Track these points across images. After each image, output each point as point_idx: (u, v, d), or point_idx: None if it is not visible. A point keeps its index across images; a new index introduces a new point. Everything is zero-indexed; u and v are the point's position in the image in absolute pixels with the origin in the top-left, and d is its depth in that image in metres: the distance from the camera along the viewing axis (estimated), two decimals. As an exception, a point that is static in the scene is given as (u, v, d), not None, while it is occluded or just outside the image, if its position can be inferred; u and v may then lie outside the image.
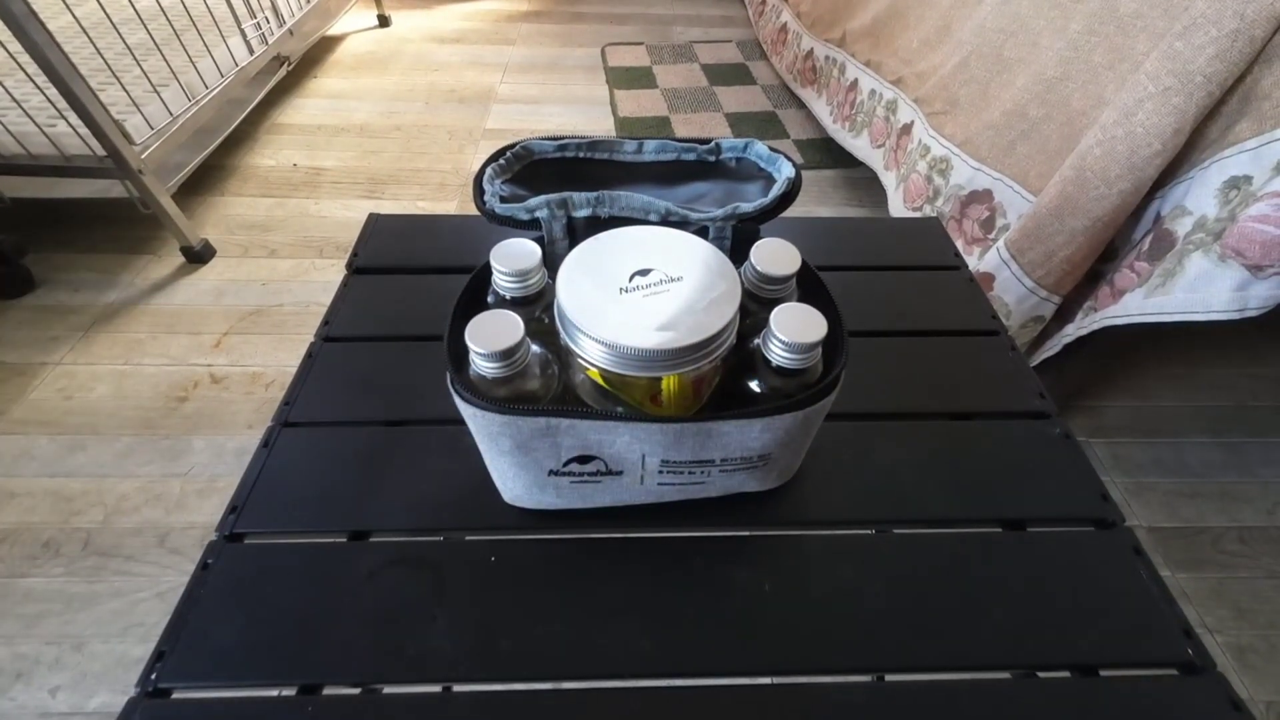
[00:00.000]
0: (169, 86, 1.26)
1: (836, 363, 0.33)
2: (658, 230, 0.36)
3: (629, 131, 1.76)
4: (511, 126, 1.76)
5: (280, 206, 1.46)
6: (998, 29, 1.04)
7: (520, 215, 0.39)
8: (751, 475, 0.38)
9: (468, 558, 0.38)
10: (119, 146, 1.12)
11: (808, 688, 0.34)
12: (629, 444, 0.33)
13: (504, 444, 0.33)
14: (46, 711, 0.74)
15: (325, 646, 0.34)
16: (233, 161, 1.56)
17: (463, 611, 0.36)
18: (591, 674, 0.34)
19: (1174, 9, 0.76)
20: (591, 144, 0.43)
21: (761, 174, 0.42)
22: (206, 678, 0.33)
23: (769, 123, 1.80)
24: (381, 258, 0.57)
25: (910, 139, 1.23)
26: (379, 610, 0.35)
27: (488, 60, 2.07)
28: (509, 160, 0.41)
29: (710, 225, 0.39)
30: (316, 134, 1.69)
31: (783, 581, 0.37)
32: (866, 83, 1.40)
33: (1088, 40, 0.88)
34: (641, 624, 0.35)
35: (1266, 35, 0.68)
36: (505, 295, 0.35)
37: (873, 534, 0.41)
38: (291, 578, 0.37)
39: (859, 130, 1.44)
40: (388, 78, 1.95)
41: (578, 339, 0.31)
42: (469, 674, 0.33)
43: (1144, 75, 0.76)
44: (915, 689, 0.34)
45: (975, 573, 0.38)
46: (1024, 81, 0.97)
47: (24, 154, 1.13)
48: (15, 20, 0.96)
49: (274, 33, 1.56)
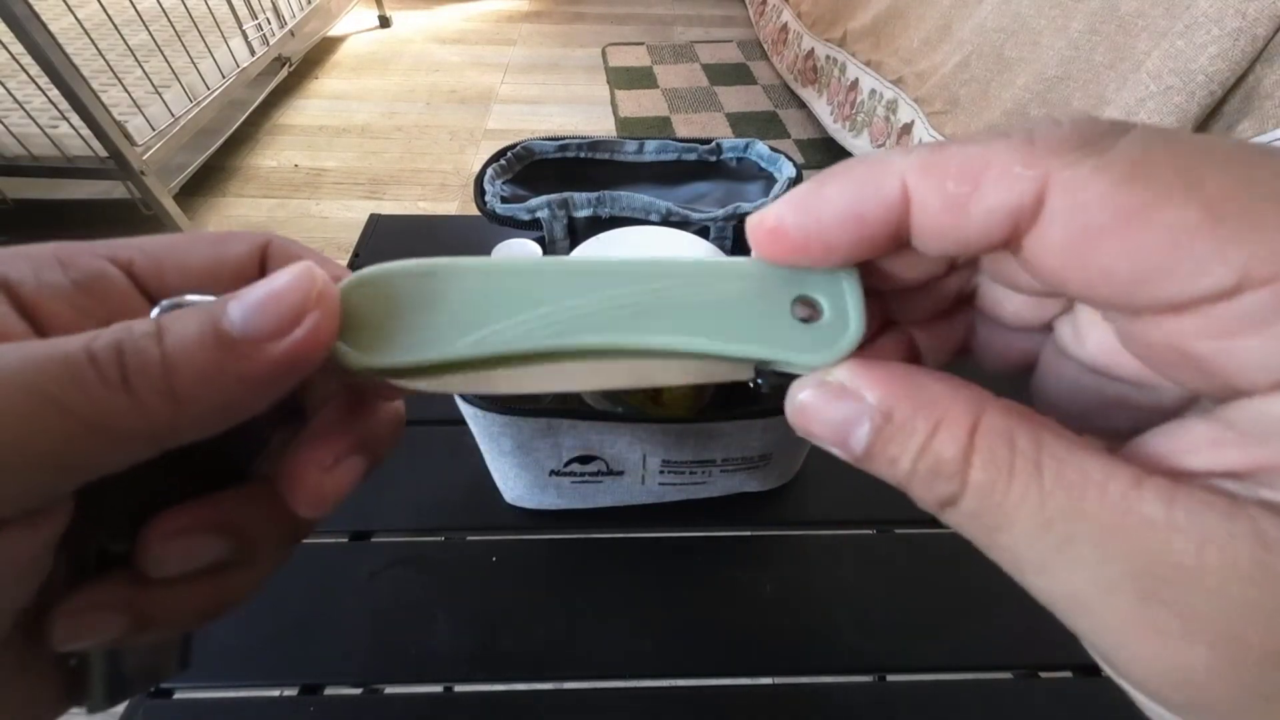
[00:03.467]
0: (171, 87, 1.27)
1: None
2: (659, 230, 0.36)
3: (630, 132, 1.76)
4: (512, 127, 1.76)
5: (282, 207, 1.46)
6: (998, 28, 1.04)
7: (521, 215, 0.39)
8: (752, 475, 0.38)
9: (469, 558, 0.38)
10: (121, 148, 1.12)
11: (808, 688, 0.34)
12: (630, 444, 0.33)
13: (505, 444, 0.33)
14: (49, 711, 0.75)
15: (326, 647, 0.34)
16: (234, 162, 1.56)
17: (464, 611, 0.36)
18: (591, 674, 0.34)
19: (1175, 8, 0.76)
20: (592, 144, 0.43)
21: (762, 174, 0.42)
22: (209, 678, 0.33)
23: (770, 123, 1.80)
24: (382, 259, 0.57)
25: (911, 139, 1.23)
26: (380, 610, 0.35)
27: (489, 61, 2.07)
28: (510, 161, 0.41)
29: (711, 225, 0.39)
30: (318, 135, 1.69)
31: (783, 581, 0.37)
32: (867, 82, 1.40)
33: (1089, 39, 0.88)
34: (642, 624, 0.35)
35: (1268, 34, 0.68)
36: (506, 295, 0.35)
37: (873, 534, 0.41)
38: (293, 578, 0.37)
39: (859, 130, 1.44)
40: (389, 78, 1.95)
41: (578, 339, 0.31)
42: (470, 674, 0.34)
43: (1146, 74, 0.76)
44: (916, 689, 0.34)
45: (976, 572, 0.38)
46: (1025, 81, 0.97)
47: (26, 155, 1.13)
48: (17, 22, 0.96)
49: (275, 34, 1.57)
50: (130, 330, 0.11)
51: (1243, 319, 0.09)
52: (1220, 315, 0.09)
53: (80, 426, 0.10)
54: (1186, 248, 0.09)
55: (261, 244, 0.16)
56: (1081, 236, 0.10)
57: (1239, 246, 0.09)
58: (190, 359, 0.11)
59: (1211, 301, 0.09)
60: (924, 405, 0.11)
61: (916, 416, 0.11)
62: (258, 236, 0.16)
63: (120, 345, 0.11)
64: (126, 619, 0.13)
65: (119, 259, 0.14)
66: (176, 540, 0.13)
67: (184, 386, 0.11)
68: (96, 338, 0.11)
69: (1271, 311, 0.09)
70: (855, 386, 0.12)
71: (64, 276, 0.13)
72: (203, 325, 0.12)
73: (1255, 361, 0.09)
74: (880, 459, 0.11)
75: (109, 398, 0.10)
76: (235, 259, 0.15)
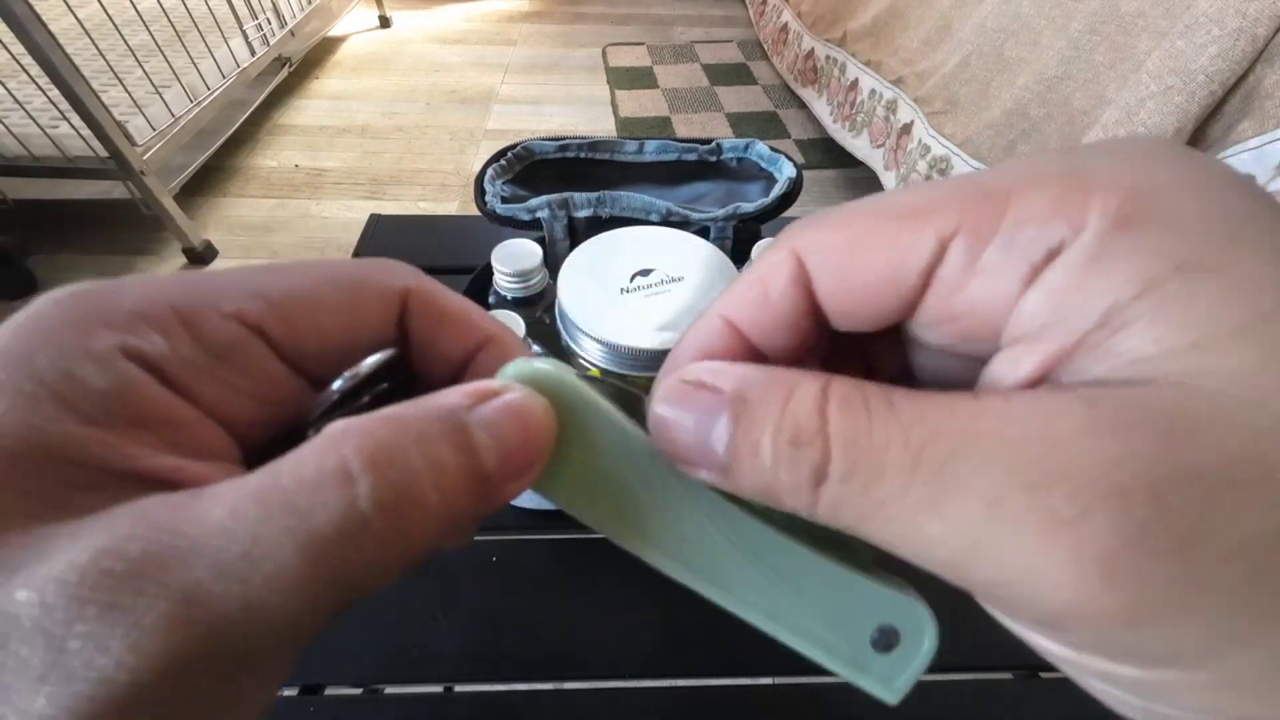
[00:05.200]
0: (171, 88, 1.27)
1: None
2: (659, 230, 0.36)
3: (630, 132, 1.76)
4: (512, 127, 1.76)
5: (282, 207, 1.46)
6: (998, 28, 1.04)
7: (521, 216, 0.39)
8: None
9: (469, 558, 0.38)
10: (121, 148, 1.12)
11: (808, 688, 0.34)
12: (630, 444, 0.33)
13: (505, 444, 0.33)
14: (49, 711, 0.75)
15: (327, 647, 0.34)
16: (234, 163, 1.56)
17: (464, 611, 0.36)
18: (592, 674, 0.34)
19: (1176, 8, 0.76)
20: (592, 144, 0.43)
21: (763, 174, 0.42)
22: (209, 678, 0.33)
23: (770, 123, 1.80)
24: (383, 258, 0.57)
25: (910, 139, 1.23)
26: (380, 610, 0.35)
27: (489, 61, 2.07)
28: (510, 161, 0.41)
29: (711, 225, 0.39)
30: (318, 135, 1.69)
31: (784, 581, 0.37)
32: (867, 82, 1.40)
33: (1089, 39, 0.88)
34: (642, 624, 0.35)
35: (1269, 34, 0.68)
36: (506, 296, 0.35)
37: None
38: (293, 578, 0.37)
39: (859, 130, 1.44)
40: (389, 78, 1.95)
41: (579, 339, 0.31)
42: (470, 674, 0.34)
43: (1146, 74, 0.76)
44: (916, 689, 0.34)
45: (977, 573, 0.38)
46: (1025, 81, 0.97)
47: (26, 155, 1.13)
48: (18, 21, 0.96)
49: (275, 34, 1.57)
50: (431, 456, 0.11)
51: (958, 274, 0.11)
52: (947, 279, 0.11)
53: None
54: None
55: (400, 292, 0.14)
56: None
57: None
58: (456, 500, 0.11)
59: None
60: (776, 381, 0.11)
61: (770, 391, 0.11)
62: (392, 281, 0.14)
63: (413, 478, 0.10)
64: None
65: (248, 320, 0.12)
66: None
67: (443, 524, 0.11)
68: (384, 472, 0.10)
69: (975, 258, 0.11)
70: (710, 380, 0.12)
71: (198, 349, 0.12)
72: (461, 460, 0.11)
73: (988, 298, 0.11)
74: (744, 452, 0.11)
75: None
76: (372, 314, 0.14)
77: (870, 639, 0.14)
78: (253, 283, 0.13)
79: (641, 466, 0.13)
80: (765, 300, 0.13)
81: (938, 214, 0.11)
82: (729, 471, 0.11)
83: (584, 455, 0.13)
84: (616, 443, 0.13)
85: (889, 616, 0.14)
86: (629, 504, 0.14)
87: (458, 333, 0.15)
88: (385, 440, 0.10)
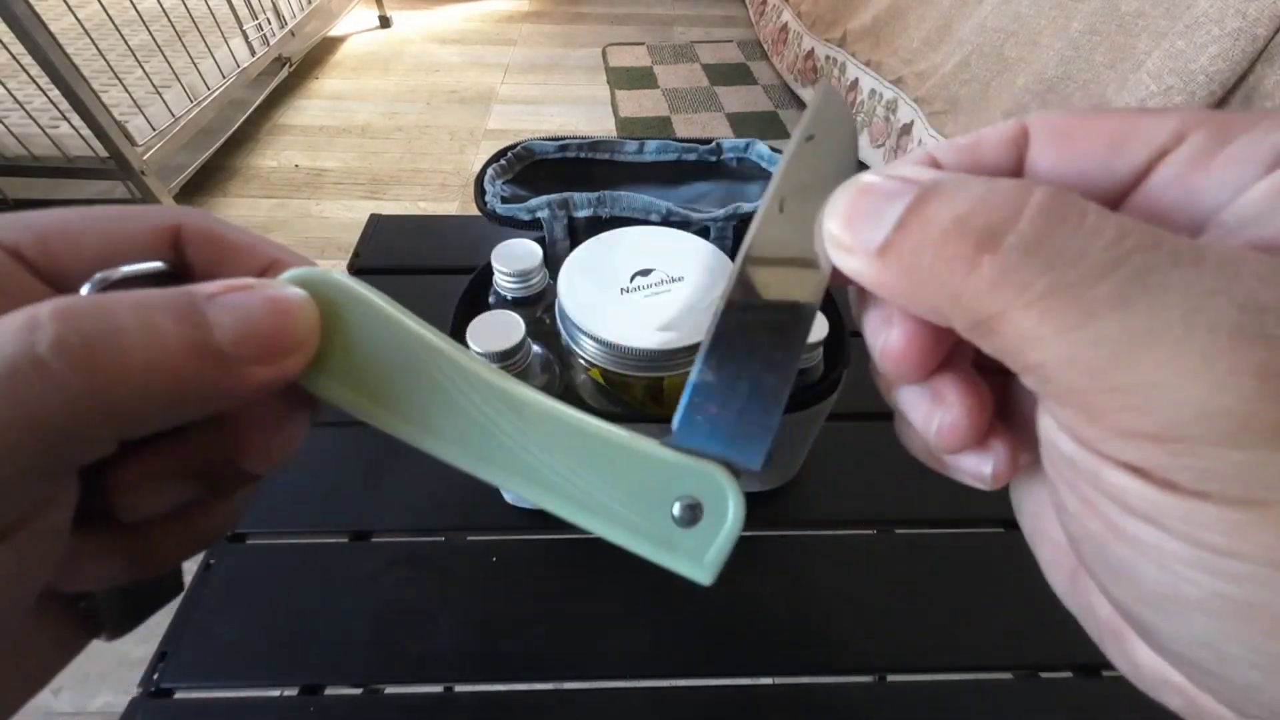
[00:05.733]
0: (171, 88, 1.27)
1: (839, 363, 0.33)
2: (659, 230, 0.36)
3: (630, 132, 1.76)
4: (512, 127, 1.76)
5: (282, 207, 1.46)
6: (998, 28, 1.04)
7: (521, 215, 0.39)
8: (753, 475, 0.38)
9: (469, 558, 0.38)
10: (121, 148, 1.12)
11: (808, 688, 0.34)
12: (630, 444, 0.33)
13: (505, 444, 0.33)
14: (50, 711, 0.75)
15: (327, 647, 0.34)
16: (234, 162, 1.56)
17: (464, 612, 0.36)
18: (591, 674, 0.34)
19: (1176, 8, 0.76)
20: (592, 144, 0.43)
21: (763, 174, 0.42)
22: (209, 678, 0.33)
23: (770, 123, 1.80)
24: (383, 259, 0.57)
25: (910, 139, 1.23)
26: (380, 610, 0.35)
27: (489, 61, 2.07)
28: (510, 161, 0.41)
29: (711, 225, 0.39)
30: (318, 135, 1.69)
31: (783, 581, 0.37)
32: (867, 82, 1.40)
33: (1089, 39, 0.88)
34: (642, 624, 0.35)
35: (1269, 34, 0.68)
36: (506, 296, 0.35)
37: (874, 534, 0.40)
38: (293, 578, 0.37)
39: (859, 130, 1.44)
40: (389, 78, 1.95)
41: (579, 339, 0.31)
42: (470, 674, 0.34)
43: (1146, 74, 0.76)
44: (916, 689, 0.34)
45: (976, 573, 0.38)
46: (1025, 81, 0.97)
47: (27, 155, 1.13)
48: (18, 22, 0.96)
49: (275, 34, 1.57)
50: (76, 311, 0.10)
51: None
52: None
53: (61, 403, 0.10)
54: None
55: (170, 226, 0.14)
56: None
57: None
58: (167, 362, 0.11)
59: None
60: (978, 178, 0.11)
61: (970, 179, 0.11)
62: (163, 216, 0.14)
63: (82, 332, 0.10)
64: (121, 562, 0.14)
65: (4, 243, 0.13)
66: (142, 487, 0.13)
67: (155, 384, 0.11)
68: (41, 325, 0.10)
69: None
70: (911, 175, 0.12)
71: None
72: (183, 330, 0.11)
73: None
74: (911, 223, 0.11)
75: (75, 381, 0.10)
76: (136, 243, 0.14)
77: (673, 515, 0.14)
78: (27, 217, 0.14)
79: (419, 358, 0.14)
80: (976, 150, 0.13)
81: (1176, 115, 0.12)
82: (881, 250, 0.11)
83: (357, 348, 0.13)
84: (393, 336, 0.14)
85: (690, 488, 0.14)
86: (404, 394, 0.14)
87: (241, 259, 0.15)
88: (89, 303, 0.11)
